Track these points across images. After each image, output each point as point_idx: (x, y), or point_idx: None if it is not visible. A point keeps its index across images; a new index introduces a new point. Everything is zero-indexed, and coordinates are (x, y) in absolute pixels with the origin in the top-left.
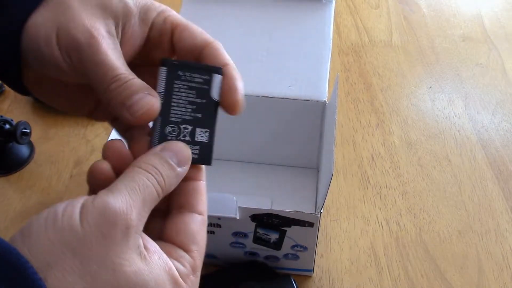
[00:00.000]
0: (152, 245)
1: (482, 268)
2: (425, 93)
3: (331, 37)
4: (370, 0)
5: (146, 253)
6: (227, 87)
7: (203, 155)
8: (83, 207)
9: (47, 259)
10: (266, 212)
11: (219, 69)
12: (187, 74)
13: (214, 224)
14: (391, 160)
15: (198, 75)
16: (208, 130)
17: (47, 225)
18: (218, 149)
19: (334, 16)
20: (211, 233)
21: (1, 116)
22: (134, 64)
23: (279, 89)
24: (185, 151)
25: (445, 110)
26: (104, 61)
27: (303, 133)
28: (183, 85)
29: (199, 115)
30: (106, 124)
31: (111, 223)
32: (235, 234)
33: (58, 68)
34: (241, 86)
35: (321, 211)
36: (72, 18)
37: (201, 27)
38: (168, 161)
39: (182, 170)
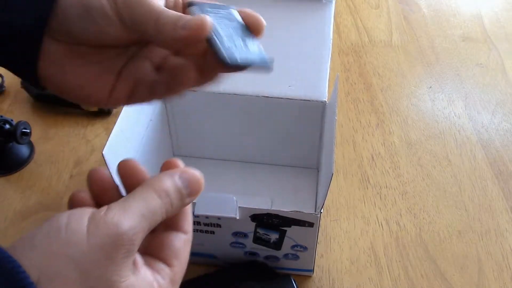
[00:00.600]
0: (139, 259)
1: (482, 268)
2: (425, 93)
3: (331, 37)
4: (370, 0)
5: (135, 268)
6: (246, 13)
7: (261, 58)
8: (92, 221)
9: (48, 270)
10: (266, 212)
11: (232, 7)
12: (212, 9)
13: (214, 224)
14: (391, 160)
15: (220, 9)
16: (255, 39)
17: (50, 236)
18: (218, 149)
19: (334, 16)
20: (211, 233)
21: (1, 116)
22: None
23: (279, 89)
24: (199, 183)
25: (445, 110)
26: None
27: (303, 133)
28: (216, 16)
29: (240, 32)
30: (106, 124)
31: (117, 246)
32: (235, 234)
33: (105, 18)
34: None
35: (321, 211)
36: None
37: None
38: (181, 191)
39: (189, 200)
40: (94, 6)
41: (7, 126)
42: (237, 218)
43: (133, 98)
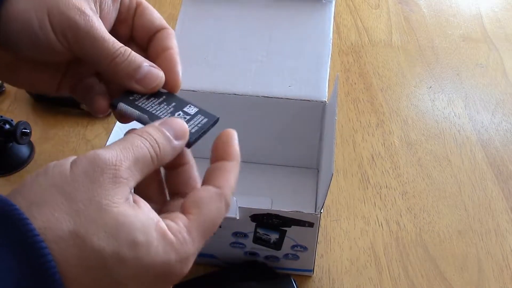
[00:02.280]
0: (144, 202)
1: (482, 268)
2: (425, 93)
3: (331, 37)
4: (370, 0)
5: (135, 204)
6: (169, 70)
7: (207, 116)
8: (74, 159)
9: (36, 199)
10: (266, 212)
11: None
12: (135, 95)
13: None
14: (391, 160)
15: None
16: (189, 104)
17: (39, 174)
18: None
19: (334, 16)
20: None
21: (1, 116)
22: None
23: (279, 89)
24: (182, 126)
25: (445, 110)
26: (102, 37)
27: (303, 133)
28: (142, 100)
29: (174, 104)
30: (106, 124)
31: (99, 170)
32: (235, 234)
33: (50, 49)
34: (179, 69)
35: (321, 211)
36: (58, 0)
37: (201, 27)
38: (165, 132)
39: (179, 143)
40: (41, 44)
41: (7, 126)
42: (237, 218)
43: (77, 91)
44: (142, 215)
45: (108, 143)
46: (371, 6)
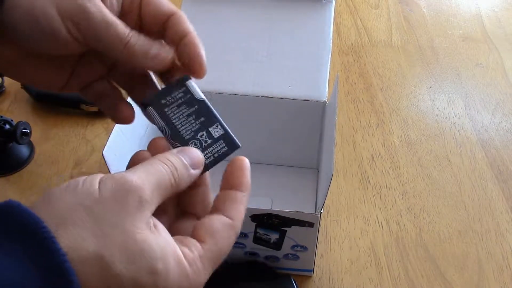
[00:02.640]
0: (162, 226)
1: (482, 268)
2: (425, 93)
3: (331, 37)
4: (370, 0)
5: (155, 229)
6: (192, 54)
7: (229, 143)
8: (102, 178)
9: (63, 217)
10: (266, 212)
11: (187, 77)
12: (168, 97)
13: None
14: (391, 160)
15: (176, 92)
16: (217, 123)
17: (67, 190)
18: None
19: (334, 16)
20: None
21: (1, 116)
22: None
23: (279, 89)
24: (199, 157)
25: (445, 110)
26: (115, 22)
27: (303, 133)
28: (173, 107)
29: (203, 119)
30: (106, 124)
31: (127, 192)
32: None
33: (56, 40)
34: (203, 52)
35: (321, 211)
36: None
37: (201, 27)
38: (183, 161)
39: (195, 172)
40: (47, 35)
41: (7, 126)
42: None
43: (89, 94)
44: (162, 242)
45: (108, 143)
46: (371, 6)
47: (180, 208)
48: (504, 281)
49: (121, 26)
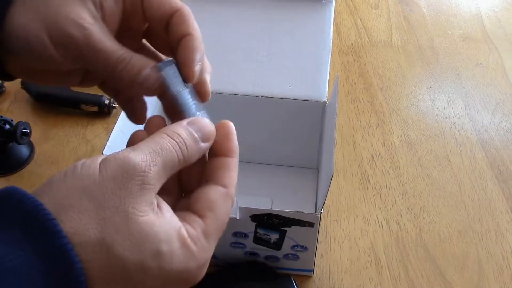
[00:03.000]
0: (166, 206)
1: (482, 268)
2: (425, 93)
3: (331, 37)
4: (370, 0)
5: (158, 210)
6: (184, 59)
7: None
8: (104, 159)
9: (64, 202)
10: (266, 212)
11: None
12: (176, 71)
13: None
14: (391, 160)
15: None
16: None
17: (67, 174)
18: None
19: (334, 16)
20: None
21: (1, 116)
22: (115, 34)
23: (279, 89)
24: (210, 128)
25: (445, 110)
26: (103, 48)
27: (303, 133)
28: (179, 80)
29: (195, 102)
30: (106, 124)
31: (129, 176)
32: (235, 234)
33: (53, 61)
34: (196, 56)
35: (321, 211)
36: (57, 13)
37: (201, 27)
38: (193, 134)
39: (205, 145)
40: (41, 57)
41: (7, 126)
42: (237, 218)
43: (103, 86)
44: (165, 223)
45: (108, 143)
46: (371, 6)
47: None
48: (504, 281)
49: (108, 53)
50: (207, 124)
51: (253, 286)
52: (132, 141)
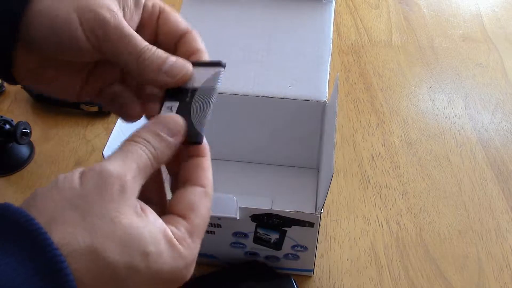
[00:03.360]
0: (149, 209)
1: (482, 268)
2: (425, 93)
3: (331, 37)
4: (370, 0)
5: (142, 213)
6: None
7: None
8: (82, 172)
9: (51, 214)
10: (266, 212)
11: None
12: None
13: (214, 224)
14: (391, 160)
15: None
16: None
17: (50, 188)
18: (218, 149)
19: (334, 16)
20: (211, 233)
21: (1, 117)
22: None
23: (279, 89)
24: (176, 123)
25: (445, 110)
26: (132, 34)
27: (303, 133)
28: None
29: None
30: (106, 124)
31: (108, 183)
32: (236, 234)
33: (76, 47)
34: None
35: (321, 211)
36: None
37: (201, 27)
38: (159, 133)
39: (174, 140)
40: (66, 42)
41: (7, 126)
42: (237, 218)
43: (103, 97)
44: (150, 225)
45: (108, 143)
46: (371, 6)
47: (166, 195)
48: (504, 281)
49: (136, 39)
50: (171, 119)
51: (253, 286)
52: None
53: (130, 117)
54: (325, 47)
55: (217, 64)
